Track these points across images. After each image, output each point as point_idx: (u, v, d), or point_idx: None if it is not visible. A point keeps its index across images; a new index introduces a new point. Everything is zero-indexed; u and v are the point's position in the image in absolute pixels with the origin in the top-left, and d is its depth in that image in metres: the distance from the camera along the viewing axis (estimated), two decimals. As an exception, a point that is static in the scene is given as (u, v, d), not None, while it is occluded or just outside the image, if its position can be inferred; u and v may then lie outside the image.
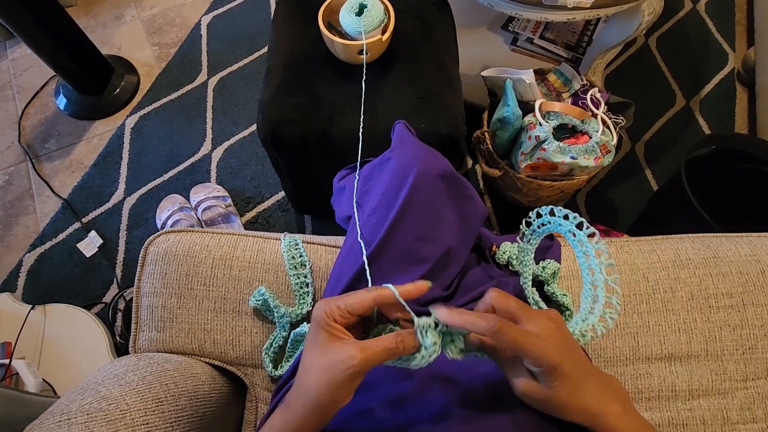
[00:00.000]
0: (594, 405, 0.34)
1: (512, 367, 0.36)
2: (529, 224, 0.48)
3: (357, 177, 0.59)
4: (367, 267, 0.50)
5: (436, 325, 0.35)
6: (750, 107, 1.39)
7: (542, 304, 0.56)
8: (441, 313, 0.34)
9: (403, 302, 0.35)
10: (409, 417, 0.41)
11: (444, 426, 0.39)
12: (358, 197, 0.61)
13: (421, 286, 0.36)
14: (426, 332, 0.34)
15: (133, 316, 0.63)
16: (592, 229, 0.41)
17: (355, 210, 0.54)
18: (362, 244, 0.52)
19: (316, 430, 0.35)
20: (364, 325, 0.38)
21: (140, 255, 0.64)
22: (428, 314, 0.35)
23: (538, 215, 0.46)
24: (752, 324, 0.60)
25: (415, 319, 0.35)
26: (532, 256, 0.54)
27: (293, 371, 0.56)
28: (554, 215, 0.44)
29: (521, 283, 0.55)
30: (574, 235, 0.43)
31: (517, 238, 0.52)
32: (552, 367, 0.32)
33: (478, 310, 0.36)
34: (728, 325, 0.60)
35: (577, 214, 0.42)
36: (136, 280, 0.64)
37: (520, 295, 0.56)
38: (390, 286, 0.35)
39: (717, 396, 0.59)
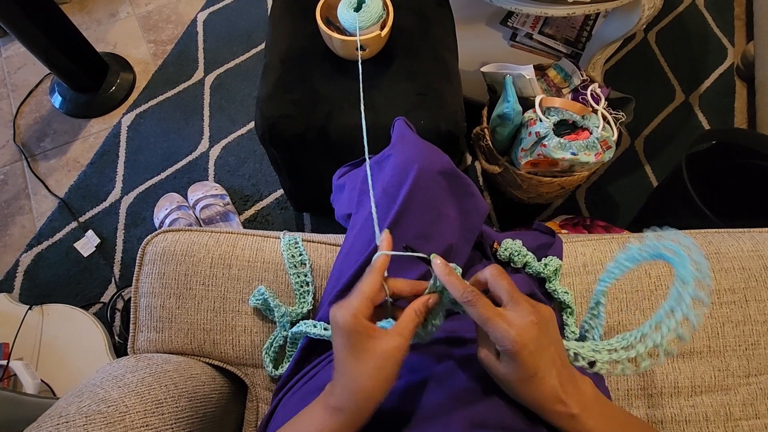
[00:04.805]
0: (544, 401, 0.35)
1: (483, 334, 0.37)
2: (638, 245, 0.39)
3: (368, 164, 0.56)
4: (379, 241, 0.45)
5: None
6: (749, 102, 1.39)
7: (601, 307, 0.47)
8: (436, 262, 0.38)
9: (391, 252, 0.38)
10: (410, 412, 0.41)
11: (444, 418, 0.39)
12: (358, 195, 0.60)
13: (386, 235, 0.40)
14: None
15: (131, 316, 0.62)
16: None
17: (372, 199, 0.51)
18: (376, 225, 0.48)
19: (361, 428, 0.36)
20: (378, 316, 0.38)
21: (138, 255, 0.64)
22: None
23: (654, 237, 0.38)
24: (755, 320, 0.59)
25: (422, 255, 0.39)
26: (619, 273, 0.42)
27: (293, 370, 0.55)
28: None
29: (599, 290, 0.45)
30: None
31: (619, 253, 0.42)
32: (508, 350, 0.34)
33: (472, 279, 0.39)
34: (731, 321, 0.60)
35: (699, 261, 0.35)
36: (134, 280, 0.63)
37: (533, 294, 0.56)
38: (377, 254, 0.39)
39: (720, 392, 0.59)
